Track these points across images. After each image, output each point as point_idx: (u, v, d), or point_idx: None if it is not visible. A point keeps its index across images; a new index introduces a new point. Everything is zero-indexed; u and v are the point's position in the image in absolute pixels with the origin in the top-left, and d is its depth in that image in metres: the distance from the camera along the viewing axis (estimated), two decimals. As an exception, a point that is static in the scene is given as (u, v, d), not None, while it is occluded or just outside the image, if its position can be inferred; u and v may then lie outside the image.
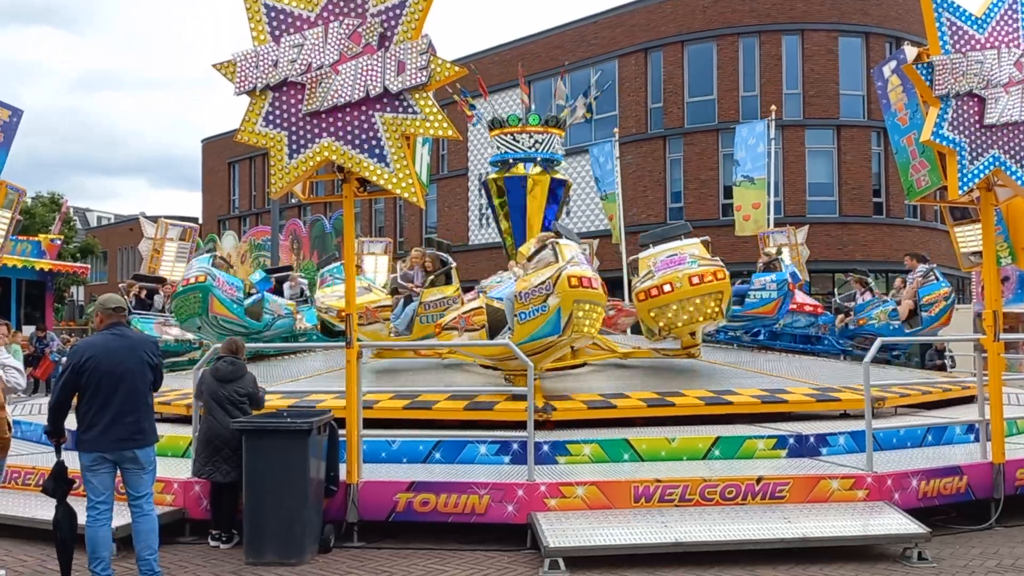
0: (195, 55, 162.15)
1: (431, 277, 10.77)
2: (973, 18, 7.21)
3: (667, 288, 9.25)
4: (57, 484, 5.62)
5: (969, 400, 9.95)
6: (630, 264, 9.46)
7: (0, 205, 12.63)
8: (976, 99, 7.13)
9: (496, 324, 8.78)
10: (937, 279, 13.35)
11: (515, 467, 7.32)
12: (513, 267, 10.13)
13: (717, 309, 9.36)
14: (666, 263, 9.48)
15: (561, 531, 6.16)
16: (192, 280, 11.40)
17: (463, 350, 9.84)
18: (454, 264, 11.03)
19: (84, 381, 5.41)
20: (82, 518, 5.54)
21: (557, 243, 8.59)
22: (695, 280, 9.20)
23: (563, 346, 8.40)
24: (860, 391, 8.57)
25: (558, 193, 14.05)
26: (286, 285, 15.30)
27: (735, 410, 8.69)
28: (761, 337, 14.62)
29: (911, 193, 8.27)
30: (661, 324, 9.56)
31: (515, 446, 7.50)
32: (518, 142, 13.69)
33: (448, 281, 10.88)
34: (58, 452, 5.65)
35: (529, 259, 8.81)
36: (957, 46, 7.11)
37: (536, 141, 13.80)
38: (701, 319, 9.42)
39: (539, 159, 13.72)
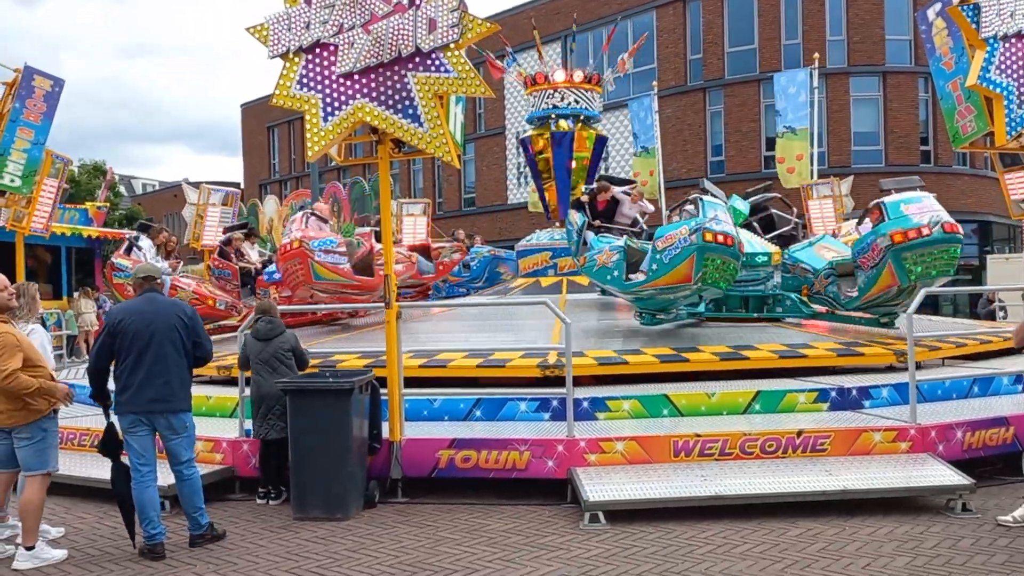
0: (230, 20, 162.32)
1: None
2: (1023, -45, 6.94)
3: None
4: (107, 445, 5.83)
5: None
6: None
7: (46, 174, 12.78)
8: (1025, 40, 6.89)
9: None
10: None
11: (555, 423, 7.38)
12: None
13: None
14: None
15: (601, 485, 6.23)
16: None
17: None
18: None
19: (117, 344, 5.61)
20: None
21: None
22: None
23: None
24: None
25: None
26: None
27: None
28: None
29: (957, 140, 8.07)
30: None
31: (555, 403, 7.55)
32: (553, 99, 13.70)
33: None
34: (106, 415, 5.85)
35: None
36: (1006, -15, 6.86)
37: (575, 98, 13.80)
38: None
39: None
